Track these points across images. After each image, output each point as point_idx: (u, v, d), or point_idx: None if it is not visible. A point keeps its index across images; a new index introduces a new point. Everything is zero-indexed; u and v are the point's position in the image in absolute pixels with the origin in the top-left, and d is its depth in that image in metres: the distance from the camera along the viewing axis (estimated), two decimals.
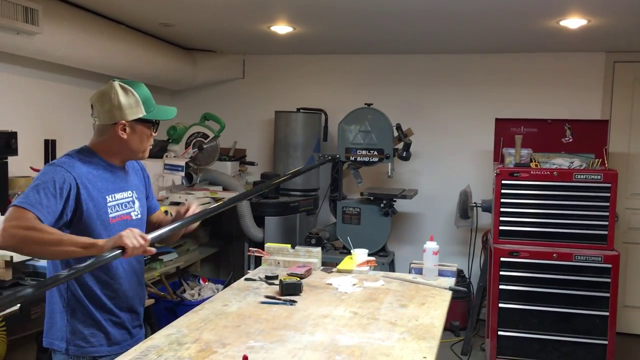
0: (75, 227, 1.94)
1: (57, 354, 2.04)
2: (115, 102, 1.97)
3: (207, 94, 5.84)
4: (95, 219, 1.96)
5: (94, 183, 1.98)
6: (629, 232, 5.03)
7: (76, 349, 2.01)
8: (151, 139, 2.09)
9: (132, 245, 1.79)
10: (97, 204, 1.97)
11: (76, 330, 2.00)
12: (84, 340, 2.01)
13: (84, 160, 2.00)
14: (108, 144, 2.03)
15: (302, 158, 5.13)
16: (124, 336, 2.11)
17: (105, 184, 2.02)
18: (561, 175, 3.93)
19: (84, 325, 2.01)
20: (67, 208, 1.90)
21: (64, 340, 2.01)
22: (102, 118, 2.00)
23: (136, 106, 2.00)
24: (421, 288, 2.56)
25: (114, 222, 2.02)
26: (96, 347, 2.02)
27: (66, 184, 1.89)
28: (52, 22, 3.50)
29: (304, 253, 2.85)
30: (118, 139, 2.01)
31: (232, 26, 4.37)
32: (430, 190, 5.33)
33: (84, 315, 2.01)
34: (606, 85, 5.00)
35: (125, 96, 1.99)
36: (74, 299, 2.01)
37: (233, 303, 2.28)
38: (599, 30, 4.10)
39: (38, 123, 4.00)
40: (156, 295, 4.15)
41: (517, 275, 3.94)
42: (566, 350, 3.86)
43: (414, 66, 5.37)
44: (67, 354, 2.01)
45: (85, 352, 2.01)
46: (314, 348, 1.84)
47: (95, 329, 2.02)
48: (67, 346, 2.00)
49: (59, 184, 1.88)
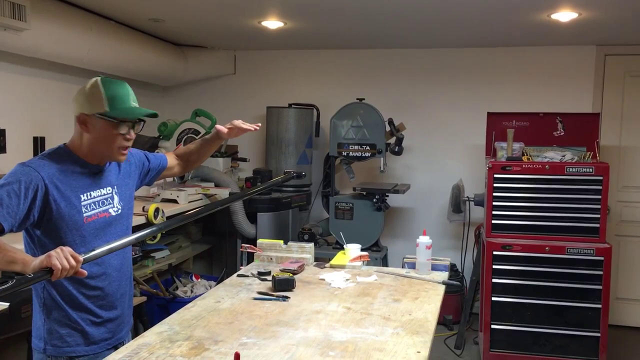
0: (45, 227, 1.91)
1: (36, 352, 2.02)
2: (80, 95, 1.95)
3: (198, 90, 5.81)
4: (66, 219, 1.92)
5: (66, 182, 1.93)
6: (620, 224, 5.05)
7: (53, 349, 1.98)
8: (122, 140, 1.97)
9: (61, 267, 1.67)
10: (69, 203, 1.93)
11: (53, 330, 1.98)
12: (60, 340, 1.98)
13: (58, 159, 1.96)
14: (78, 140, 1.99)
15: (294, 154, 5.12)
16: (104, 335, 2.06)
17: (79, 183, 1.97)
18: (553, 169, 3.94)
19: (59, 325, 1.98)
20: (34, 209, 1.85)
21: (42, 339, 1.99)
22: (73, 109, 1.98)
23: (98, 101, 1.92)
24: (414, 282, 2.56)
25: (90, 220, 1.97)
26: (73, 347, 1.99)
27: (33, 184, 1.85)
28: (40, 18, 3.46)
29: (297, 249, 2.84)
30: (85, 135, 1.96)
31: (222, 21, 4.35)
32: (423, 184, 5.33)
33: (59, 315, 1.98)
34: (597, 78, 5.01)
35: (92, 90, 1.94)
36: (49, 299, 1.98)
37: (225, 299, 2.26)
38: (589, 24, 4.11)
39: (27, 120, 3.96)
40: (148, 292, 4.13)
41: (510, 269, 3.95)
42: (559, 343, 3.88)
43: (406, 61, 5.37)
44: (44, 354, 1.99)
45: (62, 352, 1.99)
46: (307, 344, 1.83)
47: (71, 328, 1.99)
48: (45, 346, 1.99)
49: (24, 184, 1.84)
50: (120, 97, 1.95)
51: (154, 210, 3.58)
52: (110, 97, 1.93)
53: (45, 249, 1.89)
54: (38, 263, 1.69)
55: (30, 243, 1.97)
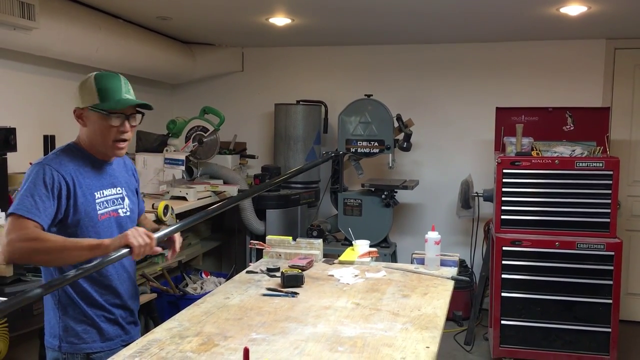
0: (63, 223, 1.92)
1: (50, 350, 2.03)
2: (76, 91, 1.99)
3: (207, 87, 5.82)
4: (84, 216, 1.94)
5: (82, 179, 1.96)
6: (631, 219, 5.01)
7: (69, 346, 1.99)
8: (117, 133, 1.98)
9: (138, 244, 1.78)
10: (86, 200, 1.95)
11: (68, 327, 1.99)
12: (76, 337, 2.00)
13: (71, 156, 1.98)
14: (83, 136, 2.03)
15: (303, 151, 5.12)
16: (117, 332, 2.08)
17: (92, 180, 1.99)
18: (563, 164, 3.92)
19: (75, 321, 1.99)
20: (60, 207, 1.88)
21: (57, 337, 2.00)
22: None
23: (89, 94, 1.95)
24: (423, 278, 2.55)
25: (103, 219, 2.00)
26: (89, 344, 2.01)
27: (56, 183, 1.88)
28: (49, 17, 3.48)
29: (306, 245, 2.84)
30: (83, 129, 2.01)
31: (229, 18, 4.35)
32: (432, 180, 5.32)
33: (75, 312, 1.99)
34: (607, 72, 4.97)
35: (85, 84, 1.98)
36: (65, 296, 1.99)
37: (235, 296, 2.27)
38: (599, 17, 4.07)
39: (37, 119, 3.98)
40: (158, 289, 4.15)
41: (520, 264, 3.93)
42: (569, 339, 3.86)
43: (414, 56, 5.35)
44: (60, 351, 2.00)
45: (78, 349, 2.00)
46: (316, 339, 1.83)
47: (88, 325, 2.01)
48: (60, 343, 2.00)
49: (49, 184, 1.86)
50: (112, 89, 1.97)
51: (164, 207, 3.59)
52: (101, 90, 1.96)
53: None
54: (118, 243, 1.79)
55: None
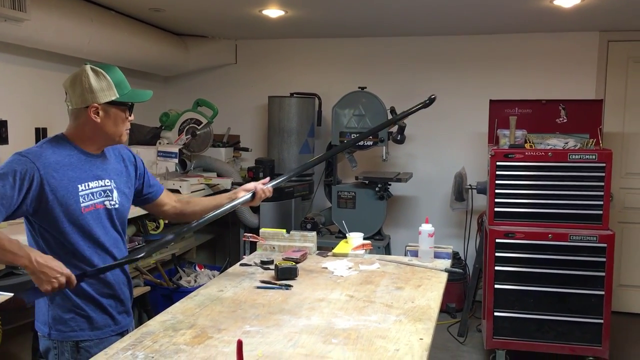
0: (42, 217, 1.92)
1: (42, 338, 2.04)
2: (86, 85, 1.93)
3: (200, 79, 5.80)
4: (64, 209, 1.92)
5: (63, 172, 1.93)
6: (623, 211, 5.04)
7: (58, 334, 2.00)
8: (127, 122, 2.04)
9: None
10: (67, 193, 1.93)
11: (57, 315, 1.99)
12: (65, 325, 1.99)
13: (56, 148, 1.96)
14: (82, 130, 1.99)
15: (297, 143, 5.11)
16: (107, 321, 2.07)
17: (77, 173, 1.97)
18: (556, 156, 3.93)
19: (63, 310, 1.99)
20: (27, 199, 1.86)
21: (46, 325, 2.01)
22: (75, 102, 1.96)
23: (108, 89, 1.96)
24: (417, 270, 2.56)
25: (87, 211, 1.98)
26: (77, 332, 2.01)
27: (28, 174, 1.85)
28: (40, 8, 3.45)
29: (299, 237, 2.84)
30: (92, 123, 1.97)
31: (223, 10, 4.32)
32: (425, 173, 5.33)
33: (63, 301, 1.99)
34: (600, 64, 4.98)
35: (97, 79, 1.94)
36: None
37: (228, 288, 2.27)
38: (592, 9, 4.08)
39: (28, 111, 3.96)
40: (152, 282, 4.14)
41: (513, 256, 3.95)
42: (562, 330, 3.88)
43: (408, 49, 5.34)
44: (49, 338, 2.01)
45: (67, 337, 2.00)
46: (310, 332, 1.83)
47: (75, 313, 2.00)
48: (49, 331, 2.00)
49: (20, 174, 1.84)
50: (123, 81, 2.02)
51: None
52: (117, 83, 1.98)
53: (46, 238, 1.94)
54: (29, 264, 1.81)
55: (32, 231, 1.98)
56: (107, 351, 1.68)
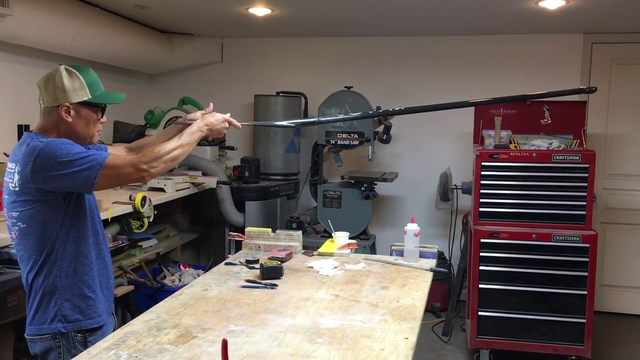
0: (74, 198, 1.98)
1: (40, 341, 2.02)
2: (59, 85, 1.96)
3: (185, 77, 5.76)
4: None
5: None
6: (606, 212, 5.09)
7: (72, 325, 2.01)
8: (99, 124, 2.07)
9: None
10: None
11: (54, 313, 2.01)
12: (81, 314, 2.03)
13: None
14: (53, 128, 2.00)
15: (282, 142, 5.10)
16: (103, 308, 2.11)
17: None
18: (540, 157, 3.95)
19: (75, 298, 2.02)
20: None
21: (54, 321, 2.00)
22: (47, 100, 1.99)
23: (81, 89, 1.98)
24: (402, 270, 2.56)
25: None
26: (94, 319, 2.05)
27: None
28: (24, 4, 3.41)
29: (285, 237, 2.84)
30: (64, 123, 1.99)
31: (208, 7, 4.30)
32: (411, 173, 5.34)
33: (72, 292, 2.02)
34: (584, 66, 5.03)
35: (70, 79, 1.97)
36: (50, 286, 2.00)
37: (213, 288, 2.26)
38: (577, 11, 4.11)
39: (11, 108, 3.91)
40: (136, 281, 4.10)
41: (497, 256, 3.97)
42: (545, 329, 3.91)
43: (394, 49, 5.35)
44: (53, 338, 2.00)
45: (79, 327, 2.02)
46: (295, 331, 1.83)
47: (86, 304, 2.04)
48: (57, 324, 2.00)
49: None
50: (97, 82, 2.04)
51: (141, 199, 3.56)
52: (90, 85, 2.00)
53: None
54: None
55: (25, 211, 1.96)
56: (90, 351, 1.66)
